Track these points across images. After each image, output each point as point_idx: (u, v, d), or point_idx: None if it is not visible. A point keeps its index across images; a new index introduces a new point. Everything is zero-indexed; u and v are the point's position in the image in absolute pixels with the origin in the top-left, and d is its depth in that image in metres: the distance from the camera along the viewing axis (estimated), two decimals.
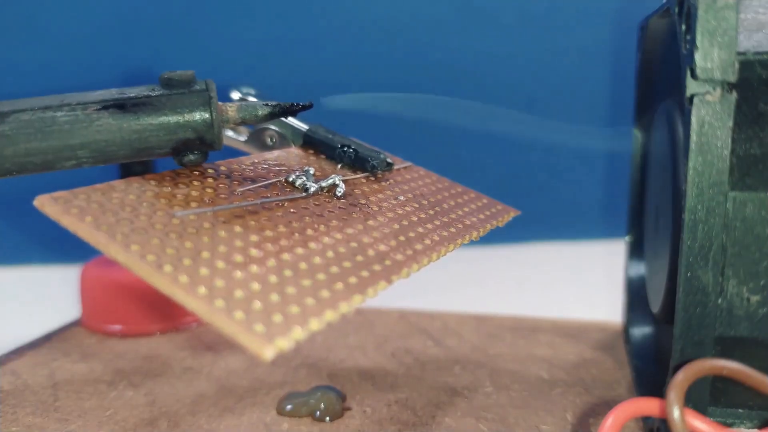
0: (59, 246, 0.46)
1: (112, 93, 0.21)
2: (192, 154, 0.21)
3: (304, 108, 0.23)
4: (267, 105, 0.22)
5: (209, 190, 0.21)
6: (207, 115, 0.21)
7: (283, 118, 0.26)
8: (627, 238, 0.32)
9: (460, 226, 0.24)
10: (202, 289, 0.17)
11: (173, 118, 0.21)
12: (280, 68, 0.45)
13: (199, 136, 0.21)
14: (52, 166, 0.20)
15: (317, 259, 0.19)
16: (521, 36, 0.45)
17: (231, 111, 0.22)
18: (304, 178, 0.23)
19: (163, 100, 0.21)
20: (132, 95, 0.21)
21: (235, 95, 0.26)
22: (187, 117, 0.21)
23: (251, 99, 0.25)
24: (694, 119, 0.20)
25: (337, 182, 0.23)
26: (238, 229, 0.19)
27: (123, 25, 0.44)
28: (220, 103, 0.21)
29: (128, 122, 0.20)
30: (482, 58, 0.44)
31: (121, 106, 0.20)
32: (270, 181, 0.23)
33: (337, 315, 0.17)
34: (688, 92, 0.20)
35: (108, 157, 0.20)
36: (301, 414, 0.25)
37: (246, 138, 0.26)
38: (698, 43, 0.19)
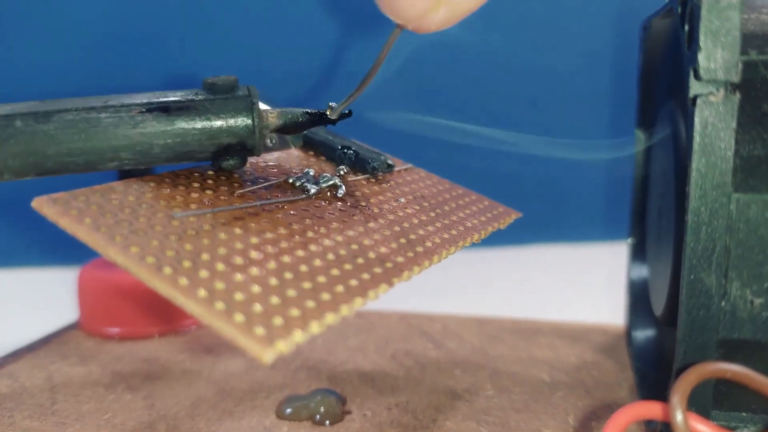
0: (57, 248, 0.45)
1: (155, 95, 0.21)
2: (232, 159, 0.21)
3: (345, 116, 0.23)
4: (307, 112, 0.22)
5: (209, 192, 0.21)
6: (249, 121, 0.21)
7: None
8: (629, 240, 0.32)
9: (462, 228, 0.24)
10: (202, 292, 0.16)
11: (216, 123, 0.21)
12: (281, 69, 0.45)
13: (240, 142, 0.21)
14: (95, 167, 0.20)
15: (318, 262, 0.19)
16: (522, 36, 0.44)
17: (272, 117, 0.22)
18: (304, 180, 0.23)
19: (207, 105, 0.21)
20: (176, 99, 0.21)
21: None
22: (230, 122, 0.21)
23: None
24: (697, 120, 0.20)
25: (338, 183, 0.23)
26: (238, 231, 0.19)
27: (124, 24, 0.44)
28: (261, 108, 0.21)
29: (172, 125, 0.20)
30: (483, 58, 0.44)
31: (165, 109, 0.20)
32: (270, 183, 0.22)
33: (337, 318, 0.17)
34: (691, 93, 0.20)
35: (150, 160, 0.21)
36: (301, 418, 0.24)
37: None
38: (701, 43, 0.19)
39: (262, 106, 0.22)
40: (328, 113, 0.22)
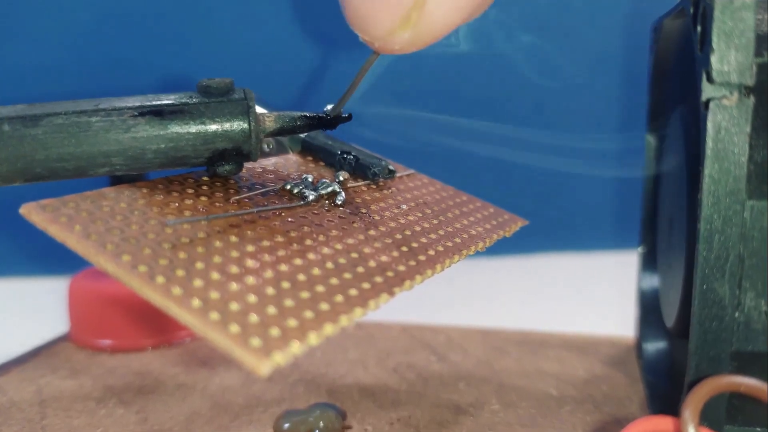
0: (46, 256, 0.45)
1: (148, 99, 0.20)
2: (227, 165, 0.21)
3: (344, 120, 0.22)
4: (305, 116, 0.22)
5: (203, 198, 0.21)
6: (245, 125, 0.20)
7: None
8: (640, 249, 0.31)
9: (466, 236, 0.23)
10: (196, 302, 0.16)
11: (211, 127, 0.20)
12: (278, 71, 0.44)
13: (236, 146, 0.21)
14: (85, 172, 0.20)
15: (316, 271, 0.19)
16: (528, 38, 0.44)
17: (269, 121, 0.21)
18: (302, 186, 0.22)
19: (202, 109, 0.20)
20: (169, 102, 0.20)
21: None
22: (226, 126, 0.20)
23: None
24: (710, 125, 0.19)
25: (337, 189, 0.23)
26: (233, 238, 0.19)
27: (116, 25, 0.44)
28: (258, 112, 0.21)
29: (165, 130, 0.20)
30: (488, 60, 0.44)
31: (158, 112, 0.20)
32: (267, 189, 0.22)
33: (337, 329, 0.17)
34: (704, 96, 0.19)
35: (142, 165, 0.20)
36: None
37: None
38: (714, 45, 0.19)
39: (259, 109, 0.21)
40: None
